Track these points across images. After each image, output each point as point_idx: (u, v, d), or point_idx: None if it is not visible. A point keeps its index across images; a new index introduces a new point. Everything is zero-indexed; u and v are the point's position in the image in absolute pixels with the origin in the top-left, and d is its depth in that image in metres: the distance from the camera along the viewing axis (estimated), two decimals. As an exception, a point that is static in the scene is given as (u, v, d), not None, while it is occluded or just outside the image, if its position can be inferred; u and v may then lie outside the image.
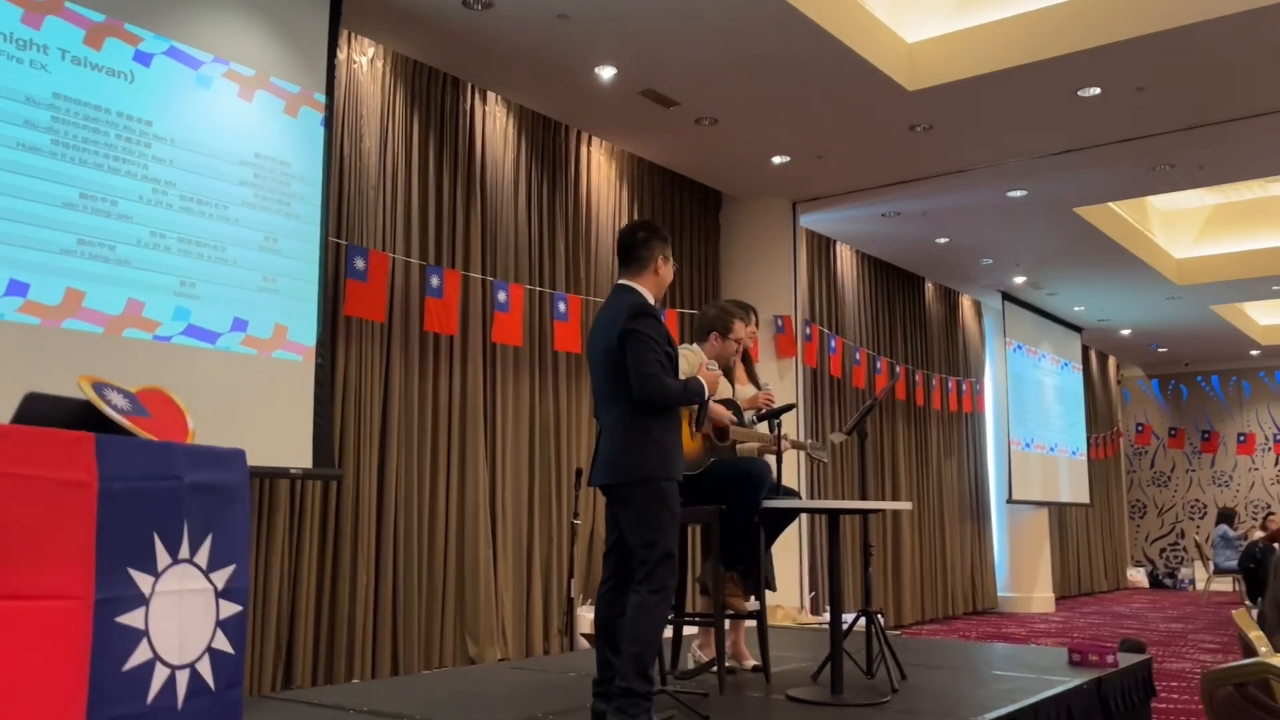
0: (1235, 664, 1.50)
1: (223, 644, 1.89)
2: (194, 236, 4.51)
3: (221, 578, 1.89)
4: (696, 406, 3.79)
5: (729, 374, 4.74)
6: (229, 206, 4.65)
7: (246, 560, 1.97)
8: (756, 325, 4.71)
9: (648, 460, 3.26)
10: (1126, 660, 5.00)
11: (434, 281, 5.89)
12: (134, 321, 4.28)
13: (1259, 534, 12.17)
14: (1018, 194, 8.39)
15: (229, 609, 1.91)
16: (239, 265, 4.67)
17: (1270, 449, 16.22)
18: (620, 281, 3.49)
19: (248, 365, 4.66)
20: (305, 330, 4.94)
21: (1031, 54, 6.03)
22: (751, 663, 4.60)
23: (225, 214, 4.63)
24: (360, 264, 5.49)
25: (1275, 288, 11.83)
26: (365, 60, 5.81)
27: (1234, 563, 12.71)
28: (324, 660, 5.23)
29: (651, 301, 3.43)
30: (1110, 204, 9.45)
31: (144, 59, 4.38)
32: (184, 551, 1.81)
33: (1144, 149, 7.42)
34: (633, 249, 3.47)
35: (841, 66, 6.08)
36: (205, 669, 1.84)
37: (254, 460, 4.39)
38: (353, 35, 5.70)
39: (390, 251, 5.75)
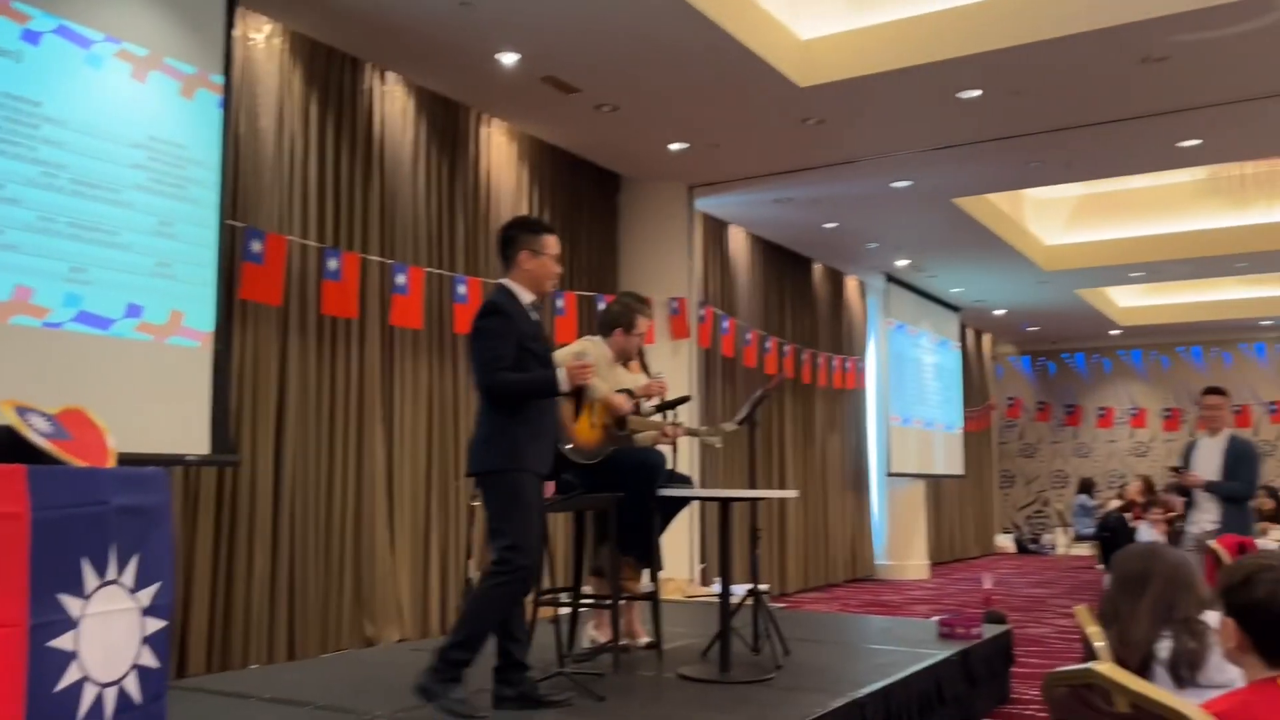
0: (1070, 669, 1.73)
1: (148, 659, 1.96)
2: (85, 221, 4.40)
3: (147, 596, 1.97)
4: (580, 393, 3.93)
5: (628, 365, 4.92)
6: (122, 190, 4.55)
7: (172, 577, 2.04)
8: (650, 316, 4.88)
9: (498, 452, 3.40)
10: (990, 632, 5.42)
11: (332, 264, 5.87)
12: (22, 308, 4.18)
13: (1115, 503, 13.03)
14: (902, 184, 8.76)
15: (154, 625, 1.99)
16: (132, 250, 4.59)
17: (1126, 422, 17.32)
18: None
19: (142, 352, 4.60)
20: (202, 316, 4.88)
21: (918, 57, 6.31)
22: (645, 639, 4.82)
23: (118, 198, 4.53)
24: (257, 247, 5.43)
25: (1132, 274, 12.63)
26: (261, 38, 5.71)
27: (1092, 530, 13.60)
28: (219, 646, 5.23)
29: (526, 296, 3.58)
30: (987, 195, 9.92)
31: (32, 38, 4.24)
32: (111, 573, 1.88)
33: (1018, 147, 7.84)
34: (500, 248, 3.67)
35: (738, 62, 6.25)
36: (132, 684, 1.92)
37: (149, 448, 4.39)
38: (249, 13, 5.59)
39: (288, 234, 5.70)
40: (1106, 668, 1.66)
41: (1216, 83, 6.60)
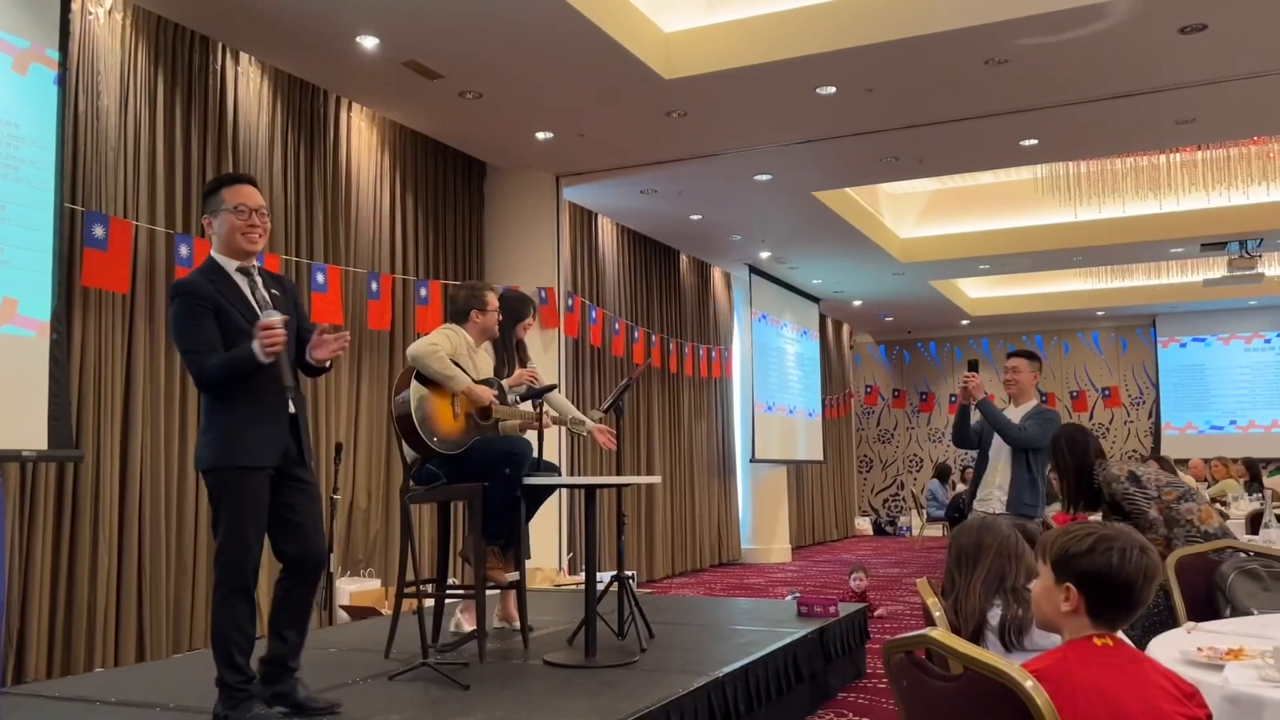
0: (907, 635, 1.84)
1: (-21, 661, 1.87)
2: (-96, 202, 4.12)
3: (-24, 595, 1.87)
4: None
5: (507, 349, 4.92)
6: (-54, 170, 4.27)
7: (4, 575, 1.94)
8: (499, 306, 4.76)
9: (208, 447, 3.15)
10: (846, 610, 5.64)
11: (183, 251, 5.63)
12: None
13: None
14: (763, 178, 8.97)
15: (-16, 625, 1.89)
16: (-41, 234, 4.31)
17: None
18: None
19: (-29, 342, 4.33)
20: (38, 303, 4.62)
21: (776, 53, 6.47)
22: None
23: (-58, 178, 4.25)
24: (100, 232, 5.17)
25: (982, 267, 13.27)
26: (102, 12, 5.43)
27: (942, 512, 14.28)
28: (61, 650, 4.97)
29: (230, 264, 3.22)
30: (845, 189, 10.26)
31: None
32: (-64, 572, 1.78)
33: (872, 143, 8.13)
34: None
35: (603, 52, 6.28)
36: (-39, 688, 1.82)
37: (-19, 445, 4.13)
38: (88, -15, 5.31)
39: (134, 219, 5.44)
40: (939, 633, 1.77)
41: (1053, 85, 7.00)
